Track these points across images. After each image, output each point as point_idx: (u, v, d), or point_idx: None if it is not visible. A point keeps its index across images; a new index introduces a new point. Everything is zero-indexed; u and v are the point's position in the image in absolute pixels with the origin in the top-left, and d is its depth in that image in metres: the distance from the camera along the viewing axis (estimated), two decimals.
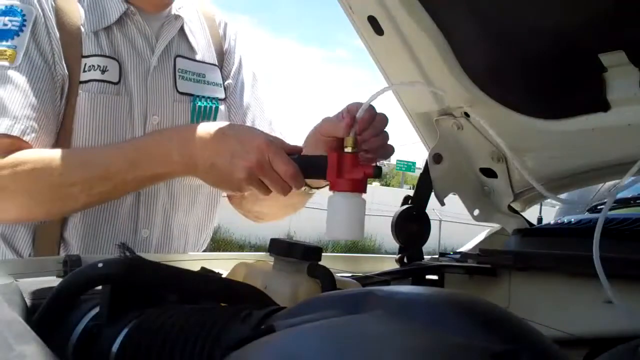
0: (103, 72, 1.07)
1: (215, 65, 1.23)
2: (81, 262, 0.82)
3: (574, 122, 0.92)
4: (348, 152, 0.81)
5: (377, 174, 0.80)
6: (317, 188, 1.03)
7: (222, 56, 1.25)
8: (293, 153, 0.89)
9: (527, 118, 0.97)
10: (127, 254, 0.61)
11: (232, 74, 1.26)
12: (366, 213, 0.81)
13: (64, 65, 1.05)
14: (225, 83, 1.24)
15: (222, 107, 1.21)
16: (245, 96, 1.28)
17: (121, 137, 1.08)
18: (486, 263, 1.02)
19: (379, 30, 0.97)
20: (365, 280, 0.94)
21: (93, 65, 1.06)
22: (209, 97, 1.19)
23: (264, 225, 1.51)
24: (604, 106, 0.86)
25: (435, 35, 0.94)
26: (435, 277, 1.03)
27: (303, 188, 0.98)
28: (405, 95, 1.11)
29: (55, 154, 0.98)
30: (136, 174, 0.97)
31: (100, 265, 0.53)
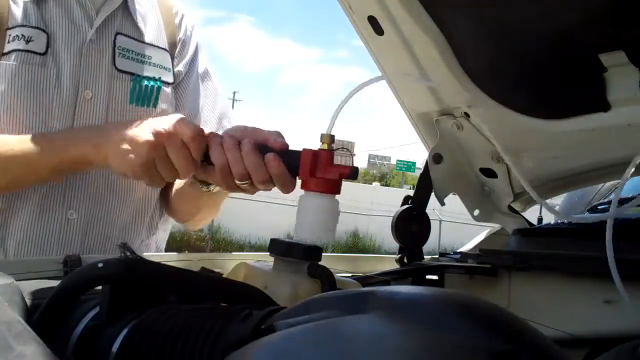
0: (27, 42, 1.04)
1: (165, 50, 1.20)
2: (81, 262, 0.82)
3: (574, 122, 0.92)
4: (323, 149, 0.77)
5: (353, 175, 0.76)
6: (209, 187, 0.99)
7: (175, 45, 1.22)
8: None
9: (527, 118, 0.97)
10: (127, 254, 0.61)
11: (183, 63, 1.23)
12: (366, 213, 0.80)
13: None
14: (176, 70, 1.21)
15: (167, 89, 1.18)
16: (195, 86, 1.24)
17: (48, 109, 1.05)
18: (486, 263, 1.02)
19: (379, 30, 0.97)
20: (365, 280, 0.94)
21: (17, 35, 1.04)
22: (152, 78, 1.16)
23: (264, 225, 1.51)
24: (604, 106, 0.86)
25: (435, 35, 0.94)
26: (435, 277, 1.03)
27: (203, 187, 0.99)
28: (405, 95, 1.11)
29: None
30: (51, 158, 0.97)
31: (100, 265, 0.53)
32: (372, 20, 0.96)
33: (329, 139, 0.77)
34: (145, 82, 1.14)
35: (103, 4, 1.12)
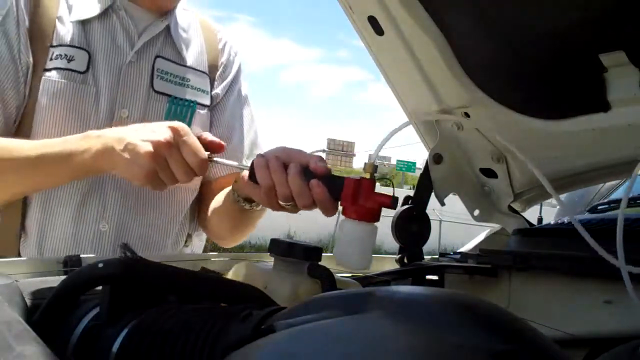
0: (69, 61, 1.09)
1: (204, 73, 1.24)
2: (81, 262, 0.82)
3: (574, 122, 0.92)
4: (365, 178, 0.80)
5: (394, 205, 0.79)
6: (251, 204, 1.03)
7: (216, 68, 1.26)
8: (212, 147, 0.94)
9: (527, 118, 0.97)
10: (128, 254, 0.61)
11: (222, 85, 1.27)
12: None
13: (30, 53, 1.08)
14: (214, 92, 1.25)
15: (203, 111, 1.22)
16: (232, 109, 1.28)
17: (86, 125, 1.08)
18: (486, 263, 1.02)
19: (379, 30, 0.97)
20: (365, 280, 0.94)
21: (60, 54, 1.09)
22: (189, 100, 1.20)
23: (264, 225, 1.50)
24: (604, 106, 0.86)
25: (435, 35, 0.93)
26: (435, 277, 1.03)
27: (246, 205, 1.02)
28: (406, 96, 1.11)
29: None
30: (64, 165, 0.99)
31: (100, 265, 0.53)
32: (372, 20, 0.96)
33: (372, 168, 0.80)
34: (181, 105, 1.18)
35: (146, 28, 1.17)
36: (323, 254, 0.79)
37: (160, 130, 0.92)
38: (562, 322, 0.87)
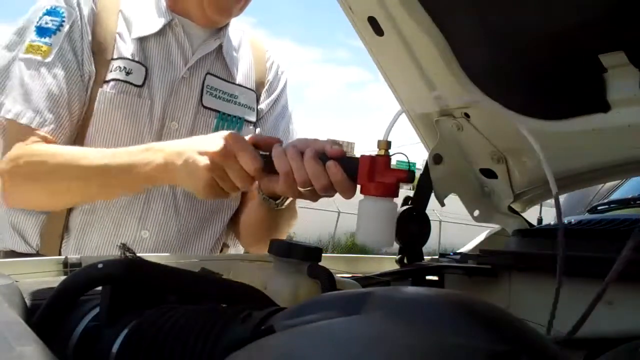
0: (127, 74, 1.13)
1: (252, 90, 1.28)
2: (81, 263, 0.82)
3: (574, 122, 0.92)
4: (380, 155, 0.80)
5: (410, 178, 0.79)
6: (276, 201, 1.04)
7: (263, 84, 1.31)
8: (264, 145, 0.93)
9: (527, 118, 0.97)
10: (128, 254, 0.61)
11: (267, 102, 1.31)
12: None
13: (92, 64, 1.12)
14: (259, 107, 1.29)
15: (249, 127, 1.26)
16: (274, 125, 1.32)
17: (140, 137, 1.12)
18: (486, 263, 1.02)
19: (379, 31, 0.97)
20: (365, 281, 0.94)
21: (119, 67, 1.13)
22: (236, 117, 1.24)
23: None
24: (604, 107, 0.86)
25: (435, 35, 0.93)
26: (435, 278, 1.03)
27: (272, 203, 1.03)
28: (406, 96, 1.11)
29: (66, 150, 1.05)
30: (125, 175, 1.00)
31: (100, 265, 0.53)
32: (372, 21, 0.96)
33: (386, 144, 0.80)
34: (229, 121, 1.23)
35: (200, 46, 1.22)
36: (323, 255, 0.79)
37: (216, 142, 0.92)
38: (562, 322, 0.87)
